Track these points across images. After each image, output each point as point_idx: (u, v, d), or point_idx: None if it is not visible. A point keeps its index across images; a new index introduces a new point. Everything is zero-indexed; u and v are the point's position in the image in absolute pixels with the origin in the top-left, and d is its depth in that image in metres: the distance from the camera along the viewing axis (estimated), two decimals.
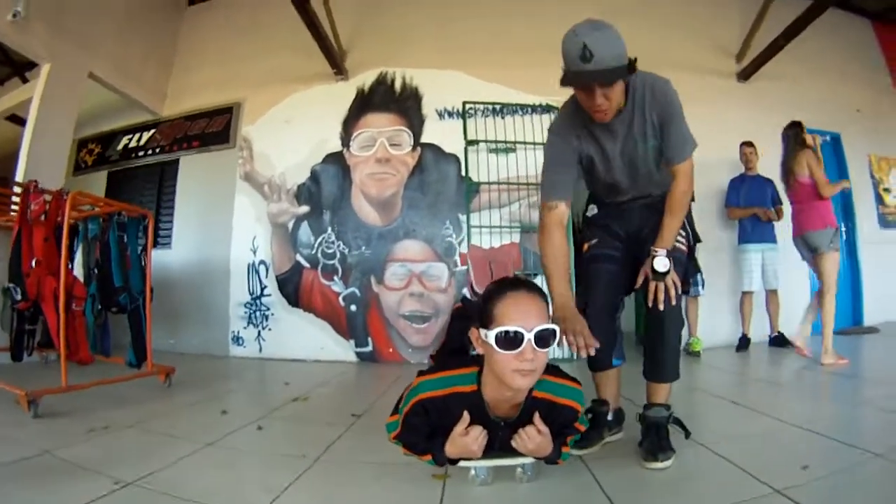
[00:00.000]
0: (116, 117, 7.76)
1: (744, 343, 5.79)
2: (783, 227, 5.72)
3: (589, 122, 2.37)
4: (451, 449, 1.94)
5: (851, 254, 7.16)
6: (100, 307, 4.22)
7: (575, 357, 2.09)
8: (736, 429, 2.85)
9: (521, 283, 1.84)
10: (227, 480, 2.21)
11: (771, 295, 5.93)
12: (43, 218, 4.04)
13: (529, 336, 1.67)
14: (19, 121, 7.00)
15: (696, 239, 2.72)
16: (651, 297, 2.32)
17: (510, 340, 1.68)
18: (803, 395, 3.72)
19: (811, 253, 4.92)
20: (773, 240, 5.91)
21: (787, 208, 5.51)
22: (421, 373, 2.00)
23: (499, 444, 2.00)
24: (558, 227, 2.41)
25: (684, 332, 5.53)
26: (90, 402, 3.62)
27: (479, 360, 1.92)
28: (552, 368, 1.96)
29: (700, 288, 5.64)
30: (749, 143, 5.99)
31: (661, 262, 2.31)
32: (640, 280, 2.42)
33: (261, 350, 6.27)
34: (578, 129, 2.42)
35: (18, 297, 3.94)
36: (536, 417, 1.89)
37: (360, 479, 2.20)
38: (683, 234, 2.55)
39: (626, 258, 2.62)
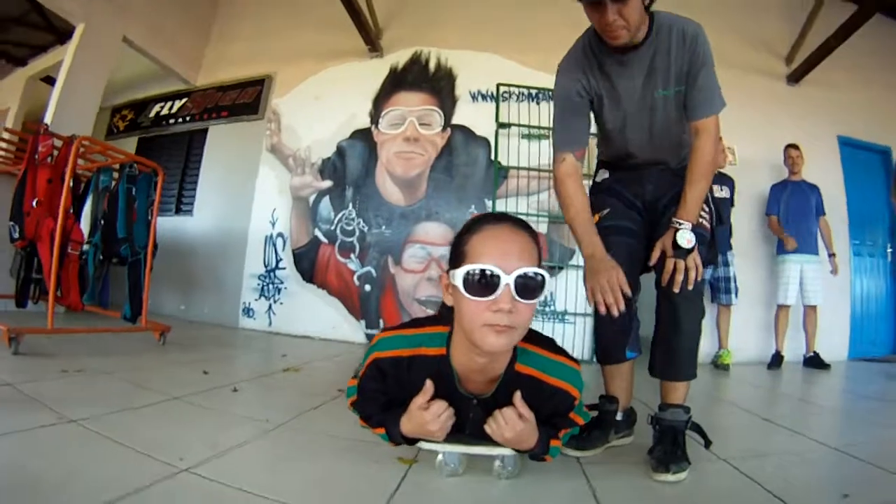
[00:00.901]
0: (151, 86, 7.85)
1: (776, 360, 5.34)
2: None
3: (602, 54, 2.08)
4: (407, 425, 1.59)
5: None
6: (101, 257, 4.12)
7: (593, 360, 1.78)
8: (765, 446, 2.49)
9: (505, 218, 1.47)
10: (173, 432, 2.00)
11: (809, 311, 5.49)
12: (50, 160, 4.01)
13: (508, 280, 1.31)
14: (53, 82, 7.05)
15: (720, 219, 2.39)
16: (667, 276, 1.97)
17: (482, 283, 1.32)
18: (844, 418, 3.31)
19: None
20: (814, 251, 5.51)
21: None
22: (384, 329, 1.69)
23: (470, 427, 1.67)
24: (568, 177, 2.13)
25: (714, 341, 5.31)
26: (77, 348, 3.52)
27: (447, 319, 1.59)
28: (545, 340, 1.64)
29: (734, 296, 5.23)
30: (794, 146, 5.61)
31: (686, 237, 1.97)
32: (654, 255, 2.05)
33: (270, 324, 6.13)
34: (587, 64, 2.13)
35: (16, 235, 3.90)
36: (517, 397, 1.51)
37: (316, 451, 1.95)
38: (707, 209, 2.21)
39: (643, 231, 2.27)
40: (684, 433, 2.00)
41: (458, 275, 1.34)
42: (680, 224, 1.99)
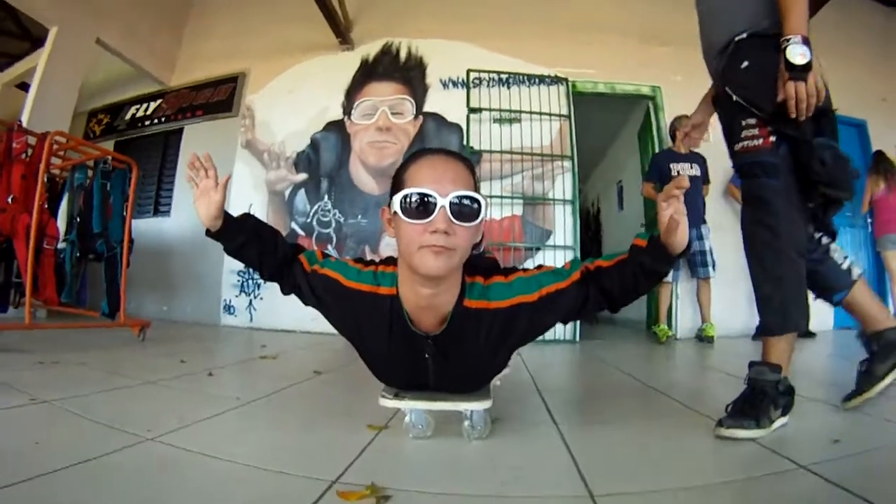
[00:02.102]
0: (126, 88, 7.84)
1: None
2: None
3: None
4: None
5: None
6: (78, 255, 4.13)
7: (577, 339, 1.74)
8: None
9: (440, 149, 1.51)
10: (143, 409, 2.02)
11: None
12: (24, 157, 4.01)
13: (443, 202, 1.33)
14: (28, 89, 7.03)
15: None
16: (791, 104, 1.77)
17: (419, 207, 1.35)
18: (831, 377, 3.16)
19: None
20: None
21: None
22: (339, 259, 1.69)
23: (434, 380, 1.69)
24: None
25: (696, 315, 5.35)
26: (56, 345, 3.55)
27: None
28: (489, 270, 1.65)
29: (711, 269, 5.25)
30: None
31: (799, 51, 1.74)
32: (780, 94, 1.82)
33: (251, 319, 6.14)
34: None
35: None
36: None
37: (284, 423, 1.96)
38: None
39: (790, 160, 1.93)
40: (766, 393, 1.80)
41: (396, 200, 1.38)
42: (788, 39, 1.78)
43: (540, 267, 1.66)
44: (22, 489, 1.15)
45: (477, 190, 1.43)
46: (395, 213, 1.40)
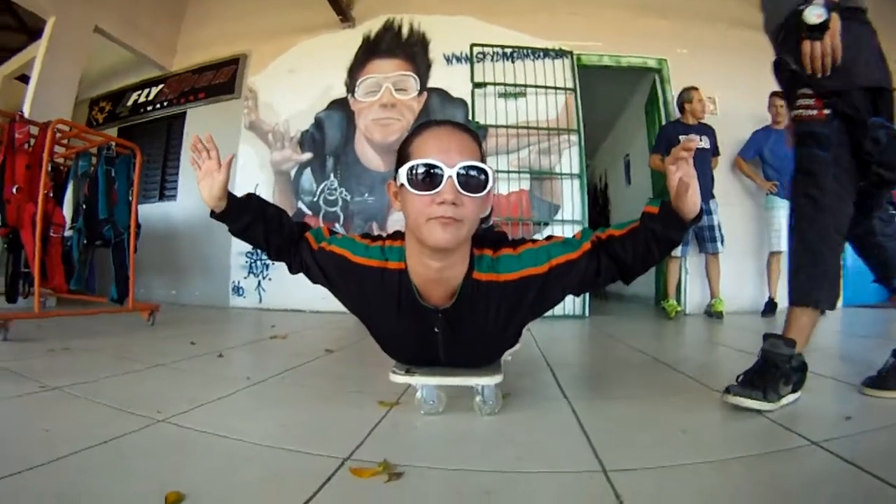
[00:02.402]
0: (128, 75, 7.81)
1: (770, 307, 5.35)
2: None
3: None
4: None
5: None
6: (85, 242, 4.13)
7: (586, 314, 1.69)
8: None
9: (445, 121, 1.46)
10: (153, 391, 2.01)
11: None
12: (27, 147, 3.99)
13: (450, 172, 1.31)
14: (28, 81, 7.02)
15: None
16: (806, 60, 1.82)
17: (426, 178, 1.33)
18: (842, 354, 3.21)
19: None
20: None
21: None
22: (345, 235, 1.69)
23: (445, 355, 1.68)
24: None
25: (705, 291, 5.32)
26: (65, 332, 3.53)
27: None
28: (498, 242, 1.62)
29: (719, 244, 5.20)
30: (780, 95, 5.44)
31: (815, 12, 1.77)
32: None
33: (261, 300, 6.17)
34: None
35: None
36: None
37: (295, 401, 1.95)
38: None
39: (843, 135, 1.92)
40: (777, 367, 1.79)
41: (402, 172, 1.36)
42: (807, 1, 1.82)
43: (550, 238, 1.62)
44: (31, 476, 1.14)
45: (484, 161, 1.41)
46: (401, 185, 1.38)
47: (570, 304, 5.25)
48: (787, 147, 5.40)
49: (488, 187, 1.38)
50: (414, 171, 1.34)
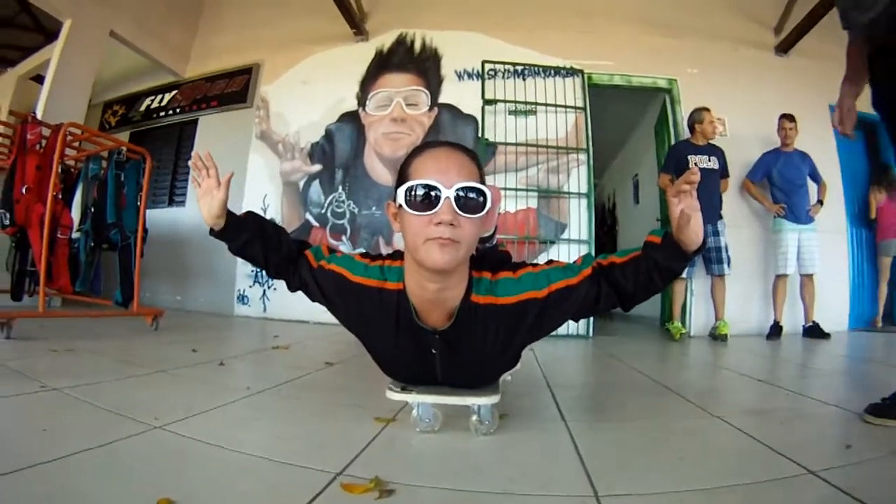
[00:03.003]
0: (141, 80, 7.88)
1: (775, 331, 5.29)
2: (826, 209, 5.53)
3: None
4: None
5: None
6: (92, 244, 4.16)
7: (590, 334, 1.69)
8: (762, 405, 2.43)
9: (444, 142, 1.49)
10: (152, 397, 2.01)
11: (806, 280, 5.41)
12: (39, 148, 4.04)
13: (448, 193, 1.32)
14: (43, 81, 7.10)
15: None
16: None
17: (424, 198, 1.34)
18: (845, 380, 3.17)
19: None
20: (810, 220, 5.43)
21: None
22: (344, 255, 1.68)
23: (443, 375, 1.68)
24: None
25: (710, 313, 5.31)
26: (69, 333, 3.54)
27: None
28: (498, 264, 1.61)
29: (726, 266, 5.16)
30: (790, 117, 5.51)
31: None
32: None
33: (265, 310, 6.16)
34: None
35: (7, 222, 3.95)
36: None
37: (292, 414, 1.95)
38: None
39: None
40: None
41: (401, 193, 1.37)
42: None
43: (550, 262, 1.62)
44: (26, 475, 1.15)
45: (483, 182, 1.41)
46: (400, 206, 1.39)
47: (574, 324, 5.22)
48: (796, 169, 5.44)
49: (486, 208, 1.38)
50: (412, 192, 1.35)
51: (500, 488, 1.25)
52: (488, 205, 1.38)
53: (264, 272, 1.76)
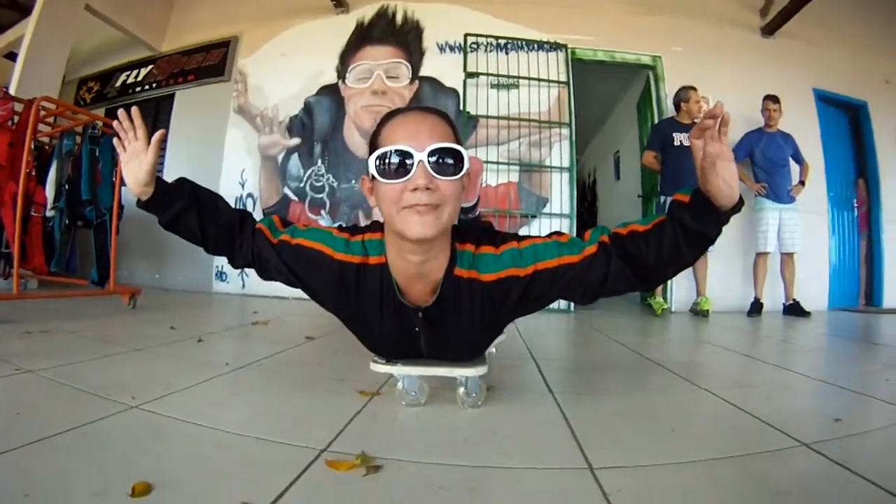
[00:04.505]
0: (117, 55, 7.70)
1: (756, 308, 5.36)
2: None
3: None
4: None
5: (874, 232, 6.72)
6: (67, 222, 4.06)
7: (571, 308, 1.62)
8: (748, 379, 2.42)
9: (414, 107, 1.40)
10: (129, 376, 1.95)
11: (786, 259, 5.48)
12: (11, 124, 3.93)
13: (421, 156, 1.23)
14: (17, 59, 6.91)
15: None
16: None
17: (396, 165, 1.25)
18: (828, 356, 3.16)
19: None
20: (791, 200, 5.49)
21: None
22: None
23: (428, 350, 1.62)
24: None
25: (692, 289, 5.32)
26: (45, 315, 3.46)
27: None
28: (482, 235, 1.51)
29: None
30: (774, 99, 5.55)
31: None
32: None
33: (244, 286, 6.10)
34: None
35: None
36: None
37: (273, 389, 1.90)
38: None
39: None
40: None
41: (371, 162, 1.29)
42: None
43: (554, 234, 1.49)
44: None
45: (459, 143, 1.33)
46: (373, 176, 1.31)
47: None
48: (779, 149, 5.47)
49: (465, 169, 1.30)
50: (383, 160, 1.27)
51: (492, 462, 1.23)
52: (466, 164, 1.30)
53: (202, 248, 1.58)
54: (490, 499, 1.05)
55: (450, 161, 1.27)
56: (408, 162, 1.24)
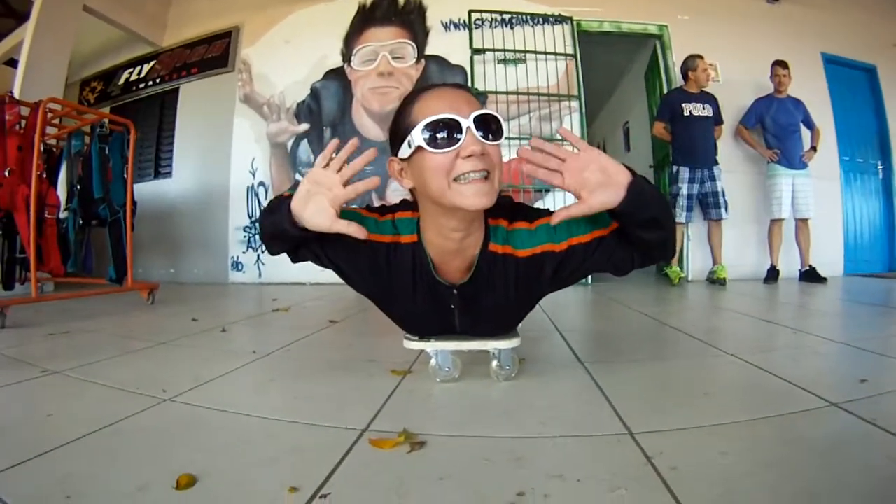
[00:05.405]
0: (119, 54, 7.63)
1: (772, 274, 5.34)
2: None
3: None
4: (296, 204, 1.28)
5: (888, 196, 6.66)
6: (81, 222, 4.06)
7: (589, 281, 1.58)
8: (771, 343, 2.41)
9: (442, 83, 1.36)
10: (157, 371, 1.96)
11: (801, 224, 5.43)
12: (18, 128, 3.89)
13: (468, 122, 1.21)
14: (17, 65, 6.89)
15: None
16: None
17: (443, 135, 1.22)
18: (848, 320, 3.16)
19: None
20: (804, 165, 5.44)
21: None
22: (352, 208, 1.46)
23: (462, 326, 1.60)
24: None
25: (708, 257, 5.30)
26: (65, 316, 3.46)
27: (414, 205, 1.47)
28: (514, 210, 1.50)
29: (724, 210, 5.13)
30: (783, 64, 5.48)
31: None
32: None
33: (260, 275, 6.13)
34: None
35: None
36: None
37: (304, 373, 1.89)
38: None
39: None
40: None
41: (417, 134, 1.24)
42: None
43: None
44: (33, 465, 1.09)
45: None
46: (417, 148, 1.26)
47: None
48: (790, 115, 5.42)
49: (504, 133, 1.30)
50: (432, 130, 1.23)
51: (533, 432, 1.22)
52: (505, 132, 1.30)
53: (291, 258, 1.48)
54: (536, 467, 1.04)
55: (494, 126, 1.26)
56: (456, 130, 1.22)
